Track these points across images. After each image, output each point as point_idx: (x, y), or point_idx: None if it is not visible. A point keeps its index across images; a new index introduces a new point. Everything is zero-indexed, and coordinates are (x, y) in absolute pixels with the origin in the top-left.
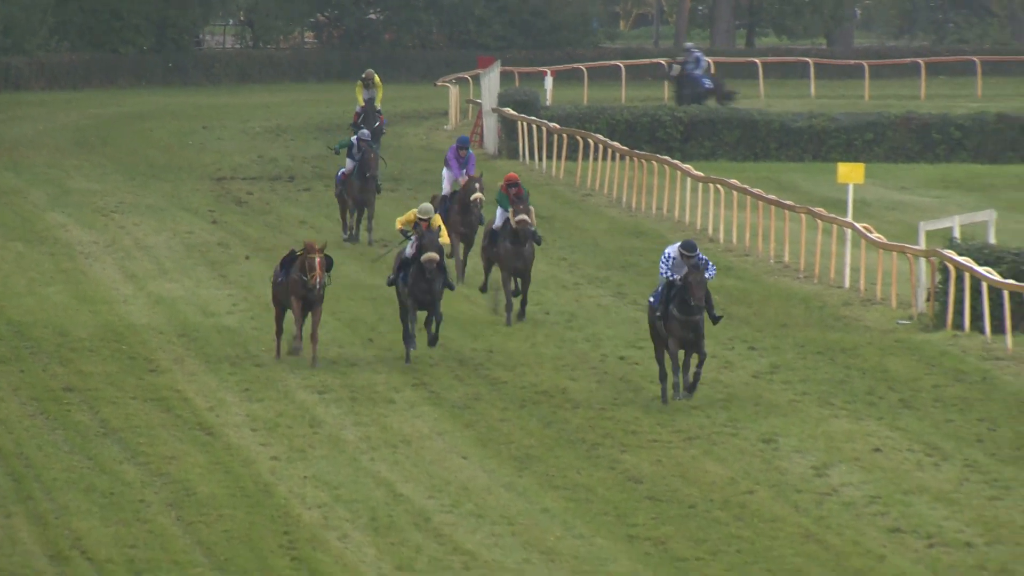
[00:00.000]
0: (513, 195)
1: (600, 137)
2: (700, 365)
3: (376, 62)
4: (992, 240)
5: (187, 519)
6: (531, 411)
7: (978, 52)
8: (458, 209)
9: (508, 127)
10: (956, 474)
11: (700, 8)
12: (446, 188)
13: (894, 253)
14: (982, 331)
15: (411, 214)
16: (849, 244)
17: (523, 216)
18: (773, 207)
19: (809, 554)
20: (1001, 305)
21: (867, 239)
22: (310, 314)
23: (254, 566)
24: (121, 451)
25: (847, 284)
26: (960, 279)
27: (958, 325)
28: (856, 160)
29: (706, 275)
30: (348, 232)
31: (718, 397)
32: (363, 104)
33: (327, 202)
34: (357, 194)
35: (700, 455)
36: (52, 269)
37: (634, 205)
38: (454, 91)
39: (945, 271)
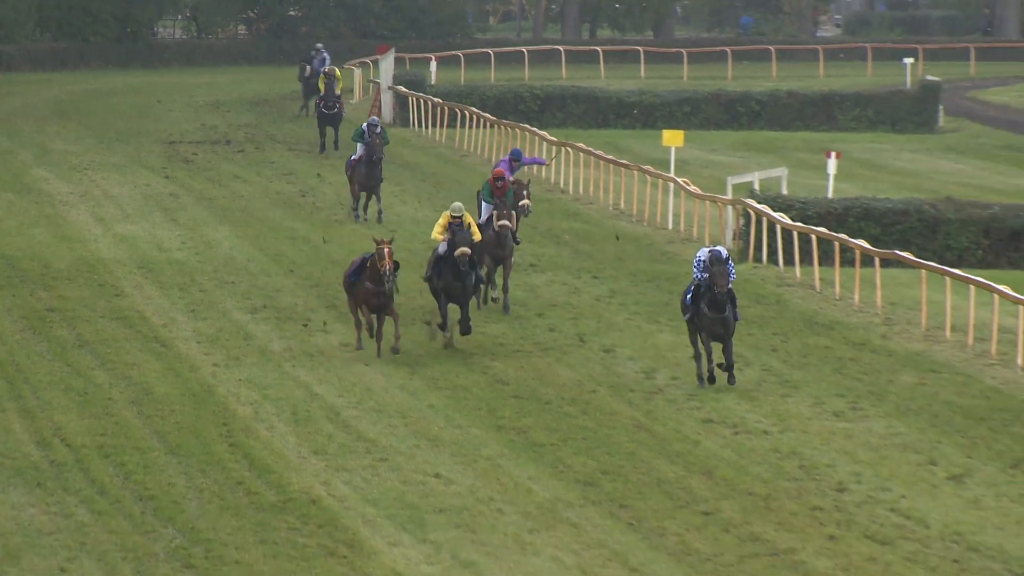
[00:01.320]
0: (498, 189)
1: (474, 109)
2: (729, 367)
3: (294, 50)
4: (784, 191)
5: (146, 413)
6: (419, 328)
7: (772, 42)
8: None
9: (401, 101)
10: (756, 376)
11: (553, 6)
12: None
13: (707, 202)
14: (776, 263)
15: (444, 217)
16: (672, 195)
17: (504, 221)
18: (612, 165)
19: (640, 440)
20: (791, 243)
21: (686, 191)
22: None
23: (199, 451)
24: (93, 359)
25: (670, 226)
26: (759, 222)
27: (757, 259)
28: (677, 128)
29: (729, 275)
30: (357, 212)
31: (568, 316)
32: (323, 94)
33: (258, 160)
34: (364, 180)
35: (554, 362)
36: (37, 214)
37: None
38: (358, 73)
39: (747, 216)
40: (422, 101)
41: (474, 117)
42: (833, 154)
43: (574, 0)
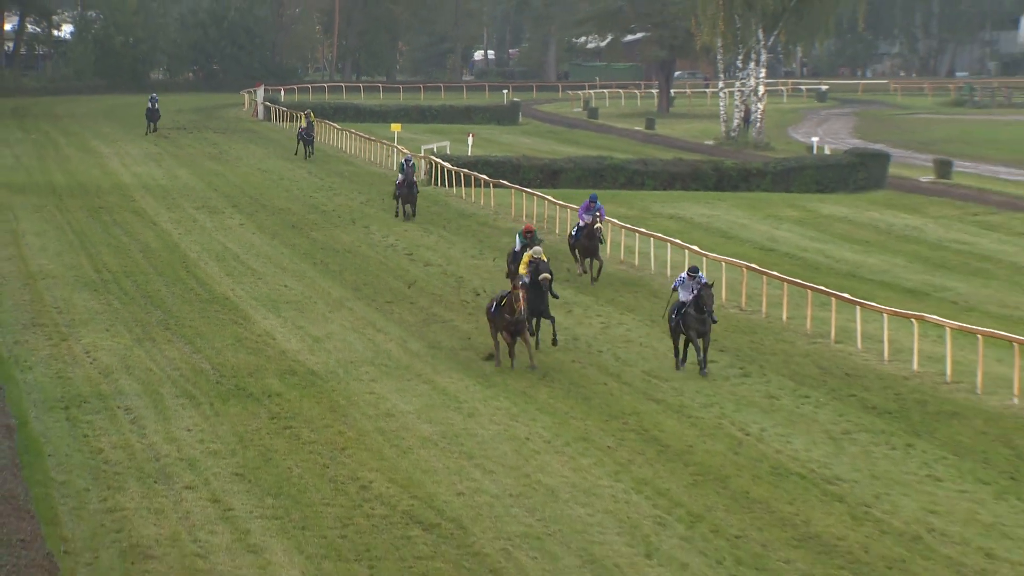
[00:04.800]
0: (527, 235)
1: (302, 113)
2: (706, 349)
3: (221, 86)
4: (448, 152)
5: (146, 256)
6: (261, 210)
7: (441, 81)
8: (586, 234)
9: (267, 110)
10: (432, 240)
11: (339, 64)
12: (580, 223)
13: (422, 158)
14: (445, 187)
15: (527, 257)
16: (395, 154)
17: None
18: (367, 141)
19: (382, 268)
20: (451, 177)
21: (400, 150)
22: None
23: (171, 274)
24: (120, 230)
25: (425, 179)
26: (437, 167)
27: (439, 184)
28: (398, 122)
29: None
30: (397, 213)
31: (345, 212)
32: (304, 126)
33: (199, 138)
34: (406, 196)
35: (339, 232)
36: (93, 162)
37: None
38: (247, 96)
39: (431, 164)
40: (277, 108)
41: (301, 116)
42: (471, 135)
43: (348, 58)
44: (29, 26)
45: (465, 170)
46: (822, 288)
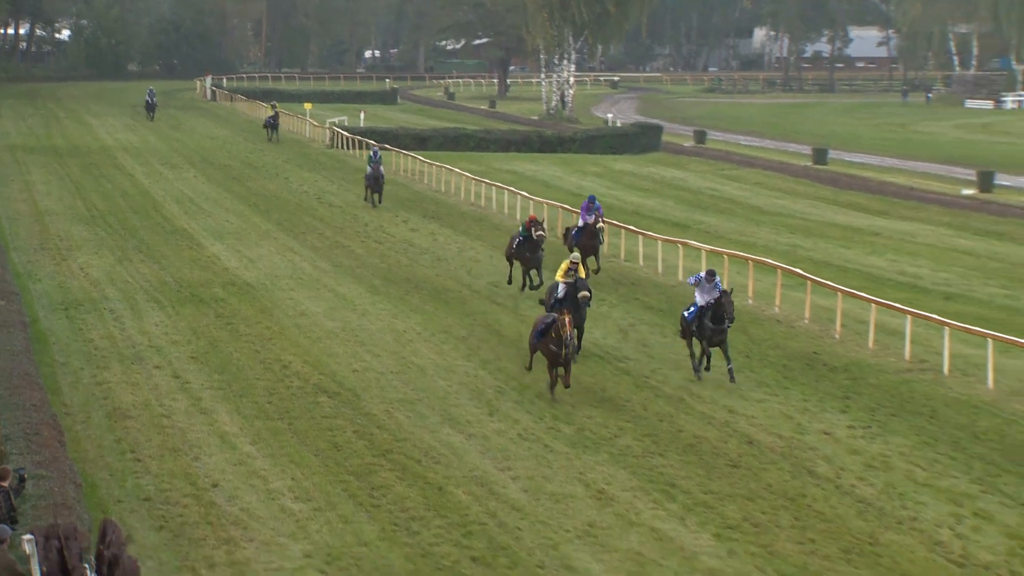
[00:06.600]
0: (531, 223)
1: (241, 96)
2: (730, 364)
3: (182, 74)
4: (346, 123)
5: (125, 200)
6: (209, 166)
7: (341, 74)
8: (588, 235)
9: (213, 93)
10: (351, 199)
11: (267, 59)
12: (581, 223)
13: (320, 127)
14: (345, 149)
15: (565, 264)
16: (308, 126)
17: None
18: (285, 116)
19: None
20: (350, 142)
21: (311, 123)
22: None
23: (144, 215)
24: (107, 181)
25: (307, 137)
26: (338, 135)
27: (339, 147)
28: (310, 102)
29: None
30: (369, 203)
31: (298, 174)
32: (272, 115)
33: (168, 115)
34: (372, 185)
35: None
36: (85, 132)
37: (256, 117)
38: (199, 83)
39: (333, 132)
40: (220, 92)
41: (243, 98)
42: (363, 112)
43: (273, 55)
44: (38, 31)
45: (359, 137)
46: (614, 222)
